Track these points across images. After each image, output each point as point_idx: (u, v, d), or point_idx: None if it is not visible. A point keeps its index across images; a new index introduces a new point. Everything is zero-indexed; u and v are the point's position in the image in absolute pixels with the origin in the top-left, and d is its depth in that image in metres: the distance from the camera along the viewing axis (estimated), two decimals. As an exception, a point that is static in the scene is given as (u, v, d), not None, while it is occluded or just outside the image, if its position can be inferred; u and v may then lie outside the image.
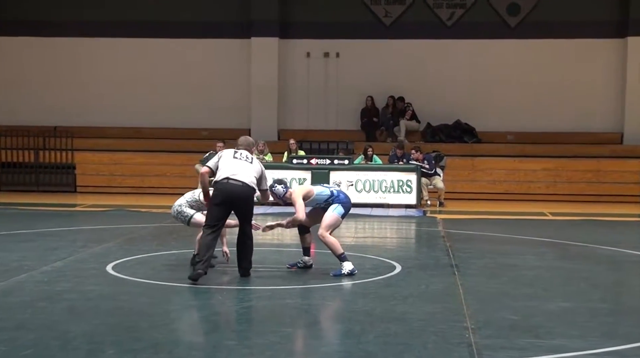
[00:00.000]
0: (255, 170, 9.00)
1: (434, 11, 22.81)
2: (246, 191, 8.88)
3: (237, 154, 9.04)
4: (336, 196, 9.33)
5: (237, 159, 8.98)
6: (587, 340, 6.54)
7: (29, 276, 8.98)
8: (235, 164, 8.92)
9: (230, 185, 8.83)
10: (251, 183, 8.91)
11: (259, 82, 22.65)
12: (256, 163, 9.11)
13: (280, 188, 9.39)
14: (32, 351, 6.02)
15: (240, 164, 8.94)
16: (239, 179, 8.84)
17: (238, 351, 6.17)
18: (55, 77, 23.16)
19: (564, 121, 22.36)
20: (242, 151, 9.15)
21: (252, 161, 9.07)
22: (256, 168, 9.04)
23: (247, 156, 9.07)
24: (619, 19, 22.27)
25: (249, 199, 8.95)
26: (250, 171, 8.94)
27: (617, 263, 10.94)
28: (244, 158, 9.03)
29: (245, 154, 9.10)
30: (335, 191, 9.42)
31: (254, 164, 9.04)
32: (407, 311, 7.48)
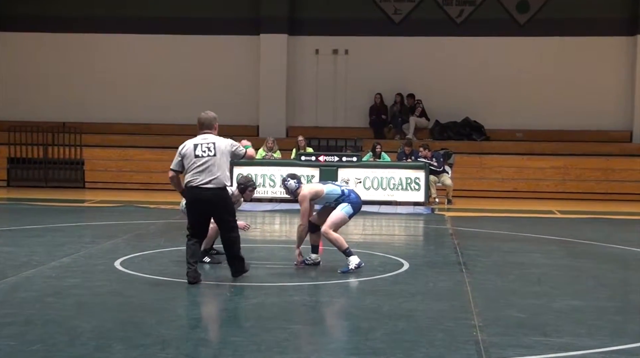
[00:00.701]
0: (221, 159, 8.28)
1: (443, 8, 22.77)
2: (216, 195, 8.27)
3: (199, 150, 8.29)
4: (347, 195, 9.28)
5: (199, 158, 8.27)
6: (595, 339, 6.53)
7: (38, 272, 9.01)
8: (198, 165, 8.26)
9: (198, 191, 8.29)
10: (220, 183, 8.28)
11: (267, 79, 22.66)
12: (220, 146, 8.31)
13: (293, 182, 9.35)
14: (40, 346, 6.04)
15: (204, 162, 8.25)
16: (205, 183, 8.25)
17: (246, 347, 6.17)
18: (64, 73, 23.20)
19: (573, 119, 22.29)
20: (202, 141, 8.34)
21: (214, 150, 8.28)
22: (223, 153, 8.30)
23: (209, 147, 8.27)
24: (629, 16, 22.18)
25: (220, 203, 8.34)
26: (215, 165, 8.25)
27: (626, 261, 10.91)
28: (206, 151, 8.26)
29: (206, 145, 8.29)
30: (347, 190, 9.36)
31: (218, 153, 8.28)
32: (414, 309, 7.48)
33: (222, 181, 8.29)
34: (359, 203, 9.41)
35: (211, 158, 8.27)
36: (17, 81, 23.31)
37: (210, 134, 8.43)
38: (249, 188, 9.70)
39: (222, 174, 8.29)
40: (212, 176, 8.23)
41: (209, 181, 8.24)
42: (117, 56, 23.23)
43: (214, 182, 8.25)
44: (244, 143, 18.98)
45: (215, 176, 8.24)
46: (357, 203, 9.35)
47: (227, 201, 8.48)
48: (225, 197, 8.39)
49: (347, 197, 9.27)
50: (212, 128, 8.50)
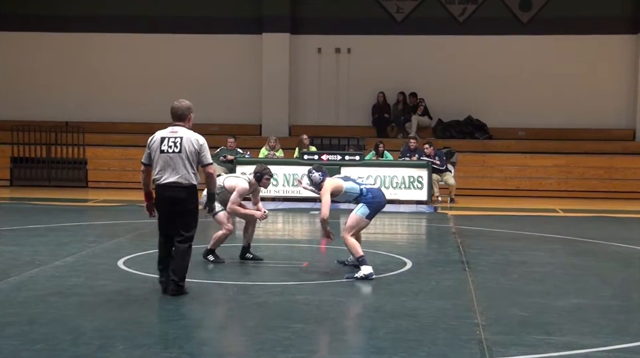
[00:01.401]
0: (186, 156, 7.65)
1: (445, 7, 22.76)
2: (180, 194, 7.65)
3: (165, 144, 7.70)
4: (364, 195, 9.05)
5: (164, 154, 7.69)
6: (598, 337, 6.53)
7: (41, 271, 9.02)
8: (163, 161, 7.69)
9: (162, 189, 7.72)
10: (184, 181, 7.66)
11: (270, 78, 22.66)
12: (186, 144, 7.67)
13: (318, 175, 9.13)
14: (43, 345, 6.05)
15: (169, 158, 7.66)
16: (169, 181, 7.66)
17: (249, 347, 6.18)
18: (67, 72, 23.23)
19: (576, 117, 22.27)
20: (170, 135, 7.76)
21: (180, 146, 7.67)
22: (188, 150, 7.66)
23: (176, 142, 7.67)
24: (631, 15, 22.17)
25: (181, 204, 7.68)
26: (180, 163, 7.65)
27: (629, 259, 10.90)
28: (172, 147, 7.67)
29: (173, 139, 7.70)
30: (366, 189, 9.12)
31: (183, 150, 7.66)
32: (417, 308, 7.48)
33: (186, 179, 7.66)
34: (379, 201, 9.10)
35: (176, 154, 7.65)
36: (20, 80, 23.33)
37: (181, 127, 7.80)
38: (265, 176, 9.58)
39: (187, 172, 7.65)
40: (176, 174, 7.64)
41: (173, 179, 7.65)
42: (120, 55, 23.24)
43: (178, 180, 7.64)
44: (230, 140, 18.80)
45: (179, 174, 7.63)
46: (375, 202, 9.05)
47: (190, 203, 7.74)
48: (188, 198, 7.70)
49: (364, 197, 9.06)
50: (184, 120, 7.86)
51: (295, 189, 17.94)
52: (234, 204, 9.53)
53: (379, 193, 9.21)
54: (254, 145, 20.44)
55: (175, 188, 7.64)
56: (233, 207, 9.53)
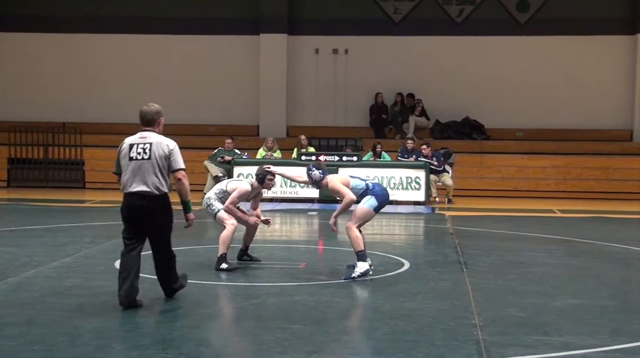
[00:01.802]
0: (156, 162, 7.24)
1: (443, 8, 22.78)
2: (150, 204, 7.24)
3: (134, 151, 7.27)
4: (371, 188, 8.96)
5: (133, 161, 7.26)
6: (596, 338, 6.53)
7: (38, 272, 9.01)
8: (132, 169, 7.26)
9: (130, 198, 7.30)
10: (154, 189, 7.23)
11: (267, 79, 22.66)
12: (156, 150, 7.27)
13: (318, 173, 9.01)
14: (41, 346, 6.04)
15: (137, 166, 7.24)
16: (137, 190, 7.23)
17: (246, 347, 6.18)
18: (64, 73, 23.21)
19: (573, 118, 22.30)
20: (139, 141, 7.33)
21: (149, 153, 7.26)
22: (158, 156, 7.26)
23: (145, 149, 7.26)
24: (629, 15, 22.20)
25: (151, 214, 7.29)
26: (149, 170, 7.22)
27: (626, 260, 10.91)
28: (141, 154, 7.26)
29: (142, 146, 7.28)
30: (371, 184, 9.04)
31: (153, 156, 7.25)
32: (415, 308, 7.48)
33: (156, 187, 7.22)
34: (385, 195, 9.04)
35: (145, 161, 7.23)
36: (17, 81, 23.31)
37: (151, 132, 7.37)
38: (267, 177, 9.45)
39: (157, 180, 7.23)
40: (145, 182, 7.20)
41: (141, 188, 7.21)
42: (117, 56, 23.23)
43: (147, 189, 7.21)
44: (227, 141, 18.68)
45: (148, 183, 7.20)
46: (383, 195, 8.99)
47: (162, 213, 7.35)
48: (159, 207, 7.30)
49: (371, 190, 8.96)
50: (153, 124, 7.43)
51: (293, 190, 17.95)
52: (232, 204, 9.38)
53: (385, 189, 9.20)
54: (251, 146, 20.44)
55: (144, 197, 7.21)
56: (230, 207, 9.38)
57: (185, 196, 7.43)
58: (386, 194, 9.09)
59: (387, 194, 9.15)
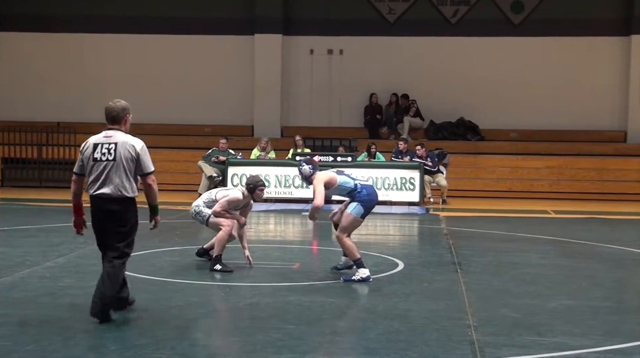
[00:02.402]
0: (122, 164, 6.83)
1: (437, 8, 22.79)
2: (113, 207, 6.86)
3: (98, 152, 6.87)
4: (359, 191, 8.81)
5: (97, 162, 6.86)
6: (590, 338, 6.54)
7: (32, 272, 8.99)
8: (96, 170, 6.87)
9: (94, 201, 6.93)
10: (117, 192, 6.83)
11: (262, 79, 22.65)
12: (121, 150, 6.84)
13: (308, 168, 8.93)
14: (34, 346, 6.03)
15: (101, 167, 6.84)
16: (101, 192, 6.85)
17: (241, 348, 6.17)
18: (58, 73, 23.17)
19: (568, 119, 22.33)
20: (104, 141, 6.91)
21: (114, 154, 6.83)
22: (124, 157, 6.83)
23: (110, 149, 6.85)
24: (623, 17, 22.24)
25: (115, 217, 6.88)
26: (114, 172, 6.82)
27: (620, 261, 10.93)
28: (105, 154, 6.84)
29: (107, 146, 6.87)
30: (360, 185, 8.88)
31: (118, 157, 6.82)
32: (409, 309, 7.48)
33: (120, 190, 6.82)
34: (371, 200, 8.86)
35: (109, 162, 6.80)
36: (11, 80, 23.26)
37: (117, 131, 6.96)
38: (258, 188, 9.26)
39: (122, 182, 6.82)
40: (109, 185, 6.82)
41: (105, 191, 6.84)
42: (112, 56, 23.20)
43: (110, 192, 6.83)
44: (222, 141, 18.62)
45: (112, 185, 6.81)
46: (368, 200, 8.82)
47: (125, 217, 6.92)
48: (123, 211, 6.89)
49: (358, 193, 8.83)
50: (120, 122, 7.02)
51: (287, 190, 17.94)
52: (221, 209, 9.26)
53: (373, 190, 9.01)
54: (246, 146, 20.42)
55: (108, 201, 6.82)
56: (218, 210, 9.26)
57: (154, 200, 7.05)
58: (374, 197, 8.93)
59: (375, 196, 8.98)
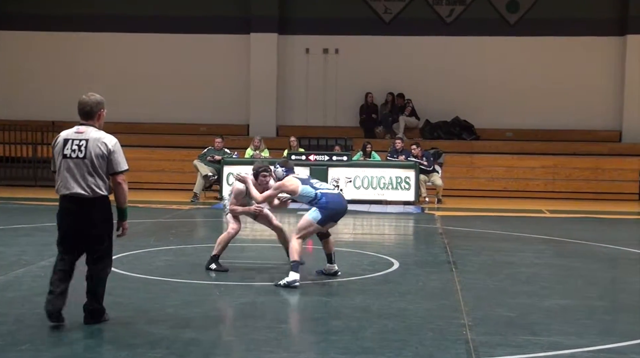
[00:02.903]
0: (92, 162, 6.50)
1: (433, 8, 22.80)
2: (83, 209, 6.50)
3: (68, 148, 6.53)
4: (318, 199, 8.60)
5: (67, 159, 6.52)
6: (584, 338, 6.55)
7: (27, 271, 8.98)
8: (65, 168, 6.53)
9: (63, 201, 6.59)
10: (88, 192, 6.49)
11: (257, 78, 22.64)
12: (92, 146, 6.51)
13: (281, 171, 8.89)
14: (28, 345, 6.02)
15: (72, 165, 6.51)
16: (71, 191, 6.50)
17: (236, 347, 6.17)
18: (53, 71, 23.13)
19: (563, 119, 22.36)
20: (74, 136, 6.58)
21: (84, 151, 6.51)
22: (94, 154, 6.50)
23: (80, 146, 6.52)
24: (618, 16, 22.27)
25: (87, 219, 6.53)
26: (84, 169, 6.49)
27: (615, 260, 10.95)
28: (76, 151, 6.52)
29: (77, 142, 6.54)
30: (320, 193, 8.63)
31: (89, 154, 6.50)
32: (404, 308, 7.49)
33: (91, 190, 6.49)
34: (331, 208, 8.58)
35: (80, 160, 6.49)
36: (6, 79, 23.21)
37: (89, 127, 6.62)
38: (260, 173, 9.14)
39: (93, 181, 6.49)
40: (79, 184, 6.48)
41: (75, 190, 6.48)
42: (107, 55, 23.16)
43: (80, 191, 6.48)
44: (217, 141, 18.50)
45: (83, 184, 6.48)
46: (327, 208, 8.56)
47: (99, 219, 6.57)
48: (94, 212, 6.53)
49: (317, 201, 8.63)
50: (93, 118, 6.67)
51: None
52: (231, 205, 9.39)
53: (337, 199, 8.72)
54: (241, 145, 20.40)
55: (79, 201, 6.47)
56: (231, 207, 9.39)
57: (123, 203, 6.61)
58: (334, 206, 8.62)
59: (338, 205, 8.67)
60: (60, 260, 6.64)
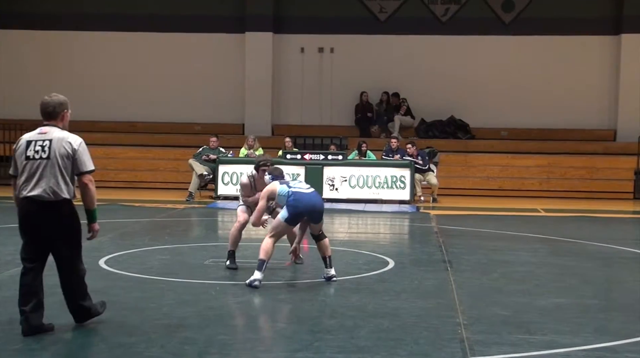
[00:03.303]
0: (57, 162, 6.26)
1: (428, 7, 22.81)
2: (45, 213, 6.24)
3: (31, 149, 6.31)
4: (289, 197, 8.45)
5: (30, 160, 6.28)
6: (579, 336, 6.56)
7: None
8: (28, 169, 6.28)
9: (26, 204, 6.28)
10: (50, 194, 6.21)
11: (253, 77, 22.63)
12: (56, 147, 6.29)
13: (268, 178, 8.88)
14: (23, 345, 6.01)
15: (35, 166, 6.26)
16: (34, 194, 6.22)
17: (231, 346, 6.17)
18: (47, 70, 23.09)
19: (558, 118, 22.39)
20: (38, 137, 6.38)
21: (48, 151, 6.27)
22: (59, 155, 6.27)
23: (44, 146, 6.29)
24: (613, 16, 22.30)
25: (52, 223, 6.27)
26: (48, 171, 6.23)
27: (609, 259, 10.97)
28: (39, 152, 6.28)
29: (41, 143, 6.31)
30: (290, 192, 8.46)
31: (52, 155, 6.26)
32: (399, 307, 7.49)
33: (54, 192, 6.21)
34: (299, 206, 8.38)
35: (43, 161, 6.23)
36: (4, 78, 23.15)
37: (52, 127, 6.42)
38: (261, 167, 9.13)
39: (56, 183, 6.23)
40: (42, 186, 6.21)
41: (37, 192, 6.21)
42: (101, 54, 23.14)
43: (43, 193, 6.21)
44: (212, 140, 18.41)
45: (45, 186, 6.20)
46: (294, 206, 8.38)
47: (63, 222, 6.30)
48: (58, 216, 6.27)
49: (287, 199, 8.45)
50: (56, 118, 6.50)
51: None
52: (243, 198, 9.48)
53: (304, 197, 8.47)
54: (236, 144, 20.38)
55: (40, 203, 6.21)
56: (244, 199, 9.46)
57: (91, 204, 6.35)
58: (300, 204, 8.40)
59: (304, 203, 8.42)
60: (23, 274, 6.35)
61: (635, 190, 20.43)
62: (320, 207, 8.58)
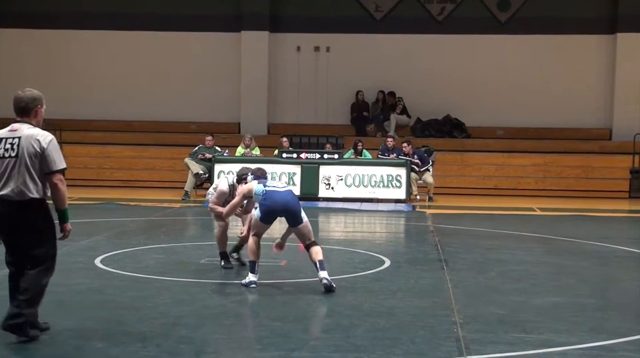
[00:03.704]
0: (25, 161, 6.02)
1: (424, 6, 22.81)
2: (12, 213, 6.02)
3: (0, 148, 6.10)
4: (262, 196, 8.33)
5: (1, 159, 6.08)
6: (575, 335, 6.57)
7: (17, 270, 8.93)
8: None
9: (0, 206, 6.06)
10: (16, 194, 6.01)
11: (249, 76, 22.61)
12: (25, 144, 6.04)
13: (250, 178, 8.77)
14: (19, 344, 6.00)
15: (3, 165, 6.06)
16: (2, 193, 6.02)
17: (227, 345, 6.16)
18: (44, 69, 23.02)
19: (554, 117, 22.40)
20: (8, 135, 6.16)
21: (17, 149, 6.04)
22: (27, 153, 6.03)
23: (13, 144, 6.07)
24: (608, 15, 22.32)
25: (20, 222, 6.04)
26: (16, 170, 6.01)
27: (605, 258, 10.99)
28: (8, 151, 6.07)
29: (10, 141, 6.10)
30: (265, 191, 8.35)
31: (21, 153, 6.03)
32: (395, 306, 7.49)
33: (21, 192, 6.00)
34: (268, 205, 8.24)
35: (12, 159, 6.01)
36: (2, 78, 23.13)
37: (24, 124, 6.17)
38: (243, 180, 9.01)
39: (25, 182, 6.01)
40: (10, 185, 6.00)
41: (6, 192, 6.00)
42: (98, 53, 23.10)
43: (10, 193, 6.00)
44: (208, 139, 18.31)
45: (14, 185, 6.00)
46: (265, 204, 8.26)
47: (33, 223, 6.07)
48: (29, 216, 6.04)
49: (260, 198, 8.35)
50: (29, 114, 6.22)
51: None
52: (212, 204, 9.37)
53: (276, 196, 8.31)
54: (232, 143, 20.38)
55: (9, 204, 6.00)
56: (211, 206, 9.39)
57: (61, 204, 6.14)
58: (271, 203, 8.24)
59: (275, 202, 8.25)
60: (10, 280, 6.24)
61: (630, 189, 20.46)
62: (294, 205, 8.33)
